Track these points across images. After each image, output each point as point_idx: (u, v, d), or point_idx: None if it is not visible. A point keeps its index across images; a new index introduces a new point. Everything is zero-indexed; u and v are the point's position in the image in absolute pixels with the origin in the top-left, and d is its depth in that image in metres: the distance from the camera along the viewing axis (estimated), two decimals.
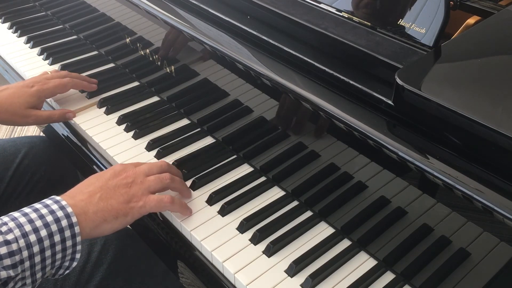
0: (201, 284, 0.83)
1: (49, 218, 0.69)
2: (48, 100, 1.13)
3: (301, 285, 0.76)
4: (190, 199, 0.88)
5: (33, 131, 2.32)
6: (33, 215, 0.69)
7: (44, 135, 1.23)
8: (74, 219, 0.71)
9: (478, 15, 0.79)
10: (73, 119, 1.06)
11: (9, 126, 2.36)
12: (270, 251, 0.79)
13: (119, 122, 1.05)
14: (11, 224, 0.67)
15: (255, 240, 0.81)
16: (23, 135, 1.82)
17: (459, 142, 0.64)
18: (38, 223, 0.68)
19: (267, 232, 0.82)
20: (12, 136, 2.29)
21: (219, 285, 0.80)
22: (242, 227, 0.83)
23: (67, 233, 0.70)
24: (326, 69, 0.78)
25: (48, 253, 0.69)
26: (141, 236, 0.98)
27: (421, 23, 0.76)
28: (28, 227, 0.67)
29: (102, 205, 0.75)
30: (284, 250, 0.80)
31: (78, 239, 0.71)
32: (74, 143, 1.06)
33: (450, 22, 0.75)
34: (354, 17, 0.82)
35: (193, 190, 0.90)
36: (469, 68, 0.69)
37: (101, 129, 1.04)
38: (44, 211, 0.70)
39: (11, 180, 1.13)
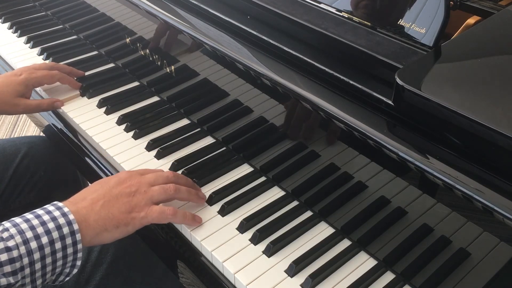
0: (201, 284, 0.83)
1: (51, 225, 0.69)
2: (37, 90, 1.15)
3: (301, 285, 0.76)
4: (203, 206, 0.87)
5: (33, 131, 2.32)
6: (35, 222, 0.68)
7: (44, 135, 1.23)
8: (75, 227, 0.70)
9: (478, 15, 0.79)
10: (74, 119, 1.06)
11: (9, 126, 2.36)
12: (270, 251, 0.79)
13: (119, 122, 1.05)
14: (13, 230, 0.67)
15: (255, 240, 0.81)
16: (23, 135, 1.82)
17: (459, 142, 0.64)
18: (40, 229, 0.68)
19: (267, 232, 0.82)
20: (12, 136, 2.29)
21: (219, 285, 0.80)
22: (242, 227, 0.83)
23: (68, 241, 0.70)
24: (326, 69, 0.78)
25: (48, 260, 0.68)
26: (141, 236, 0.98)
27: (421, 23, 0.76)
28: (29, 234, 0.67)
29: (103, 214, 0.75)
30: (284, 250, 0.80)
31: (79, 246, 0.71)
32: (74, 143, 1.06)
33: (450, 22, 0.75)
34: (354, 17, 0.82)
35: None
36: (469, 68, 0.69)
37: (101, 129, 1.04)
38: (46, 217, 0.69)
39: (10, 180, 1.13)
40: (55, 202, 0.73)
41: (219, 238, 0.82)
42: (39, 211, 0.71)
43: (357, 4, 0.83)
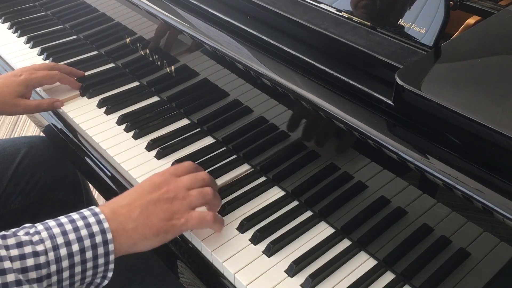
0: (201, 284, 0.83)
1: (84, 232, 0.66)
2: (37, 90, 1.15)
3: (301, 285, 0.76)
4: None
5: (33, 131, 2.32)
6: (68, 227, 0.66)
7: (44, 135, 1.23)
8: (109, 236, 0.67)
9: (478, 15, 0.79)
10: (74, 119, 1.06)
11: (9, 126, 2.36)
12: (270, 251, 0.79)
13: (119, 122, 1.05)
14: (44, 234, 0.65)
15: (255, 240, 0.81)
16: (23, 135, 1.82)
17: (459, 142, 0.64)
18: (72, 236, 0.65)
19: (267, 232, 0.82)
20: (12, 136, 2.29)
21: (219, 285, 0.80)
22: (242, 227, 0.83)
23: (100, 250, 0.67)
24: (326, 69, 0.78)
25: (78, 269, 0.66)
26: None
27: (421, 23, 0.76)
28: (60, 240, 0.64)
29: (142, 221, 0.71)
30: (284, 250, 0.80)
31: (111, 257, 0.68)
32: (74, 143, 1.06)
33: (450, 22, 0.75)
34: (354, 17, 0.82)
35: None
36: (469, 68, 0.69)
37: (101, 129, 1.04)
38: (80, 223, 0.67)
39: (10, 180, 1.13)
40: (92, 207, 0.70)
41: (219, 238, 0.82)
42: (74, 215, 0.68)
43: (357, 4, 0.83)
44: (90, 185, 1.31)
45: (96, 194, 1.64)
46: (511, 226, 0.58)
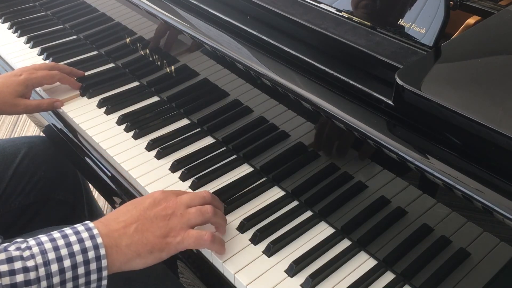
0: (201, 284, 0.83)
1: (76, 248, 0.65)
2: (37, 90, 1.15)
3: (301, 285, 0.76)
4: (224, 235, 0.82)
5: (33, 131, 2.32)
6: (60, 242, 0.65)
7: (44, 135, 1.23)
8: (102, 251, 0.66)
9: (478, 15, 0.79)
10: (74, 119, 1.06)
11: (9, 126, 2.36)
12: (270, 251, 0.79)
13: (119, 122, 1.05)
14: (35, 250, 0.64)
15: (255, 240, 0.81)
16: (23, 135, 1.82)
17: (459, 142, 0.64)
18: (64, 251, 0.64)
19: (267, 232, 0.82)
20: (12, 136, 2.29)
21: (219, 285, 0.80)
22: (242, 227, 0.83)
23: (93, 266, 0.66)
24: (326, 69, 0.78)
25: (69, 285, 0.65)
26: None
27: (421, 23, 0.76)
28: (51, 255, 0.63)
29: (136, 238, 0.70)
30: (284, 250, 0.80)
31: (104, 273, 0.67)
32: (74, 142, 1.06)
33: (450, 22, 0.75)
34: (354, 17, 0.82)
35: (193, 191, 0.90)
36: (469, 68, 0.69)
37: (101, 129, 1.04)
38: (72, 238, 0.66)
39: (11, 180, 1.13)
40: (86, 222, 0.69)
41: None
42: (67, 230, 0.67)
43: (357, 4, 0.83)
44: (90, 185, 1.31)
45: (96, 194, 1.64)
46: (511, 226, 0.58)
